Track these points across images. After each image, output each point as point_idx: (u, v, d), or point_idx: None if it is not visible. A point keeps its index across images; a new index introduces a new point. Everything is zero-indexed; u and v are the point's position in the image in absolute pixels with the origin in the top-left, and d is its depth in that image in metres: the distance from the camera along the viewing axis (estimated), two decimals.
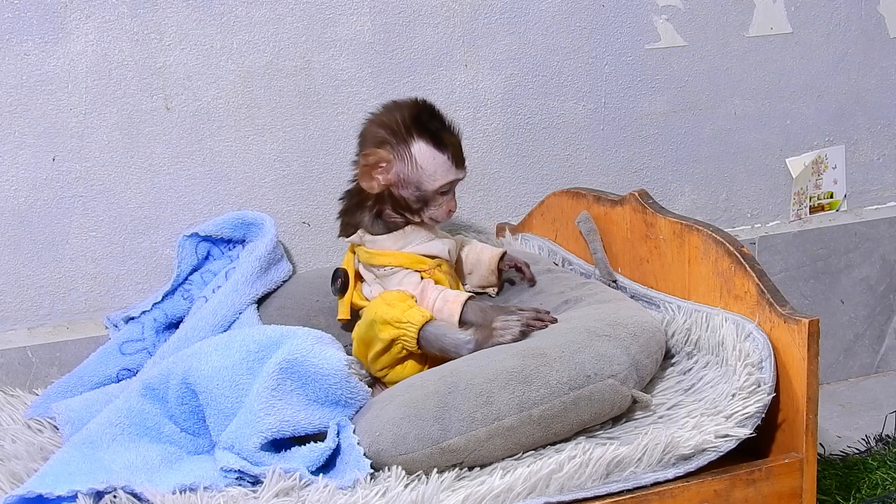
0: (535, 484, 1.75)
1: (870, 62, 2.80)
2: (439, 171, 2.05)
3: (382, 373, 2.03)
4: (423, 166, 2.04)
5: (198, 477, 1.80)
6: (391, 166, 2.04)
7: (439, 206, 2.07)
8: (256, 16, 2.33)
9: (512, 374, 1.84)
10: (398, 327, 1.97)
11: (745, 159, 2.74)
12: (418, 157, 2.04)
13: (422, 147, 2.04)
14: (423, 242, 2.10)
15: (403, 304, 2.00)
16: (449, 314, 2.02)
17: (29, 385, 2.22)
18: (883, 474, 2.32)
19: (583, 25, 2.55)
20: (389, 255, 2.07)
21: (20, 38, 2.19)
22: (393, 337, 1.98)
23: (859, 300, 2.83)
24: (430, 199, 2.06)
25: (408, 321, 1.97)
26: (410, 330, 1.96)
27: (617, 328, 1.95)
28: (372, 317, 2.00)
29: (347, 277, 2.11)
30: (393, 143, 2.04)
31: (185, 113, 2.31)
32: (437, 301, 2.03)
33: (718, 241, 2.03)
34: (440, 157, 2.05)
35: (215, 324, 2.15)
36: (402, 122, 2.05)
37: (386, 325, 1.98)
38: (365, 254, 2.09)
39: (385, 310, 1.99)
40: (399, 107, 2.07)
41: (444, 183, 2.06)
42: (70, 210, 2.27)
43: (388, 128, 2.05)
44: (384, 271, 2.07)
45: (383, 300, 2.01)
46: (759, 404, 1.88)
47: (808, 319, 1.88)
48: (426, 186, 2.05)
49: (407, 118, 2.05)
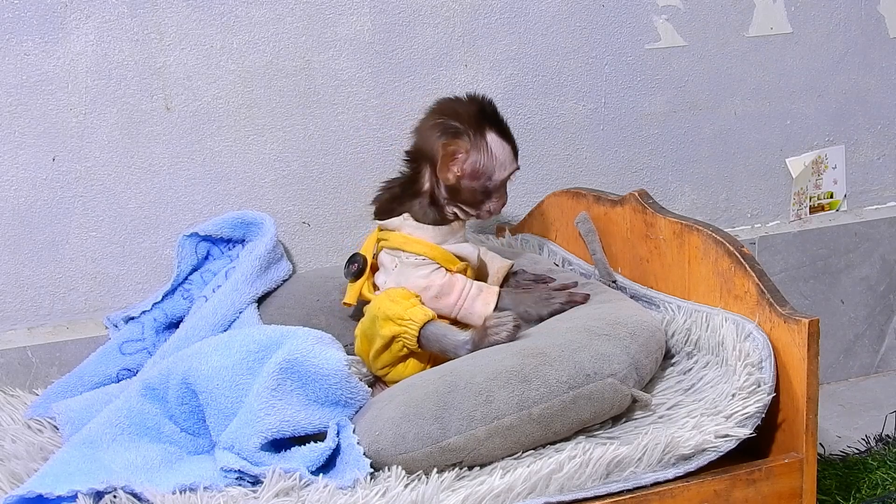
0: (535, 484, 1.75)
1: (870, 62, 2.80)
2: (507, 161, 2.10)
3: (384, 371, 2.03)
4: (497, 156, 2.08)
5: (198, 477, 1.80)
6: (468, 157, 2.07)
7: (498, 198, 2.11)
8: (256, 16, 2.33)
9: (511, 374, 1.84)
10: (400, 324, 1.97)
11: (745, 159, 2.74)
12: (492, 147, 2.08)
13: (494, 138, 2.09)
14: (458, 242, 2.12)
15: (407, 301, 1.99)
16: (484, 303, 2.03)
17: (29, 385, 2.22)
18: (883, 474, 2.32)
19: (583, 25, 2.55)
20: (426, 245, 2.07)
21: (20, 38, 2.19)
22: (394, 334, 1.98)
23: (859, 300, 2.83)
24: (494, 191, 2.10)
25: (410, 319, 1.97)
26: (412, 328, 1.96)
27: (616, 327, 1.95)
28: (375, 312, 2.00)
29: (365, 264, 2.10)
30: (470, 133, 2.07)
31: (185, 113, 2.31)
32: (473, 289, 2.04)
33: (718, 241, 2.03)
34: (507, 148, 2.10)
35: (215, 323, 2.15)
36: (475, 113, 2.09)
37: (388, 321, 1.98)
38: (400, 238, 2.08)
39: (388, 306, 1.99)
40: (464, 101, 2.11)
41: (510, 172, 2.11)
42: (70, 210, 2.27)
43: (462, 119, 2.08)
44: (415, 259, 2.07)
45: (387, 296, 2.01)
46: (759, 404, 1.88)
47: (808, 319, 1.88)
48: (497, 176, 2.09)
49: (478, 111, 2.09)
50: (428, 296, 2.04)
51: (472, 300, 2.05)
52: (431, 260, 2.07)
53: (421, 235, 2.08)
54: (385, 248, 2.10)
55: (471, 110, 2.09)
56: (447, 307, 2.04)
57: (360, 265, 2.10)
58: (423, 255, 2.06)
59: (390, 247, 2.09)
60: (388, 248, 2.09)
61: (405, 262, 2.07)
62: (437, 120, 2.10)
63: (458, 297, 2.05)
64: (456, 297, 2.05)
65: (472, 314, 2.05)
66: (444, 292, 2.05)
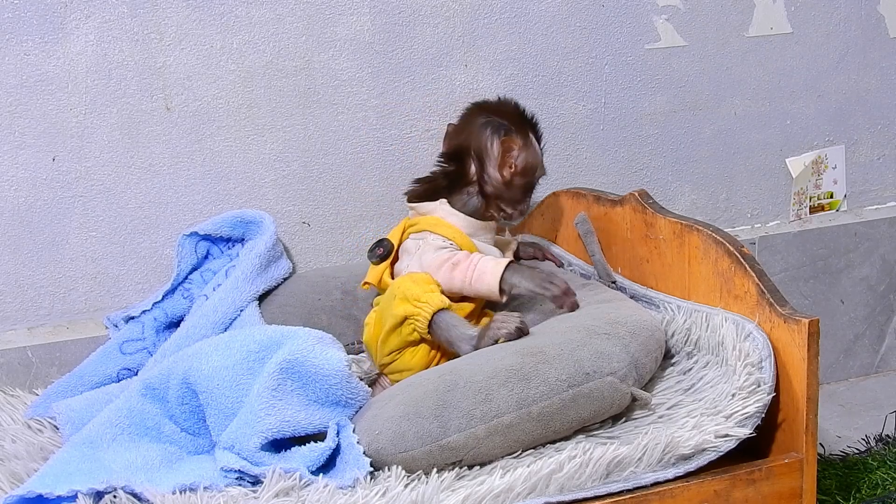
0: (535, 484, 1.75)
1: (870, 62, 2.80)
2: (536, 158, 2.18)
3: (390, 358, 2.03)
4: (539, 156, 2.18)
5: (198, 477, 1.80)
6: (520, 153, 2.12)
7: (530, 198, 2.19)
8: (256, 16, 2.33)
9: (511, 372, 1.84)
10: (415, 305, 1.97)
11: (745, 159, 2.74)
12: (535, 147, 2.17)
13: (533, 139, 2.18)
14: (487, 242, 2.14)
15: (427, 285, 2.00)
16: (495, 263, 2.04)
17: (29, 385, 2.22)
18: (883, 474, 2.32)
19: (583, 25, 2.55)
20: (456, 231, 2.10)
21: (20, 38, 2.19)
22: (407, 314, 1.98)
23: (859, 300, 2.83)
24: (530, 190, 2.17)
25: (426, 302, 1.97)
26: (426, 310, 1.97)
27: (616, 327, 1.95)
28: (394, 290, 2.01)
29: (392, 248, 2.12)
30: (520, 133, 2.14)
31: (185, 113, 2.31)
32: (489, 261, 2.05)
33: (718, 241, 2.03)
34: (537, 148, 2.19)
35: (216, 321, 2.15)
36: (518, 114, 2.18)
37: (404, 300, 1.98)
38: (431, 220, 2.11)
39: (408, 286, 2.00)
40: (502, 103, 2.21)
41: (536, 172, 2.18)
42: (70, 210, 2.27)
43: (509, 118, 2.15)
44: (441, 242, 2.08)
45: (410, 277, 2.02)
46: (759, 404, 1.88)
47: (808, 319, 1.88)
48: (538, 174, 2.17)
49: (519, 112, 2.18)
50: (445, 267, 2.05)
51: (485, 262, 2.06)
52: (459, 248, 2.08)
53: (454, 221, 2.11)
54: (412, 233, 2.12)
55: (513, 111, 2.17)
56: (461, 273, 2.04)
57: (387, 249, 2.12)
58: (450, 240, 2.08)
59: (418, 230, 2.11)
60: (416, 231, 2.12)
61: (429, 243, 2.08)
62: (486, 118, 2.15)
63: (469, 260, 2.06)
64: (468, 261, 2.05)
65: (485, 273, 2.04)
66: (457, 261, 2.06)
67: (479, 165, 2.13)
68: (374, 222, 2.46)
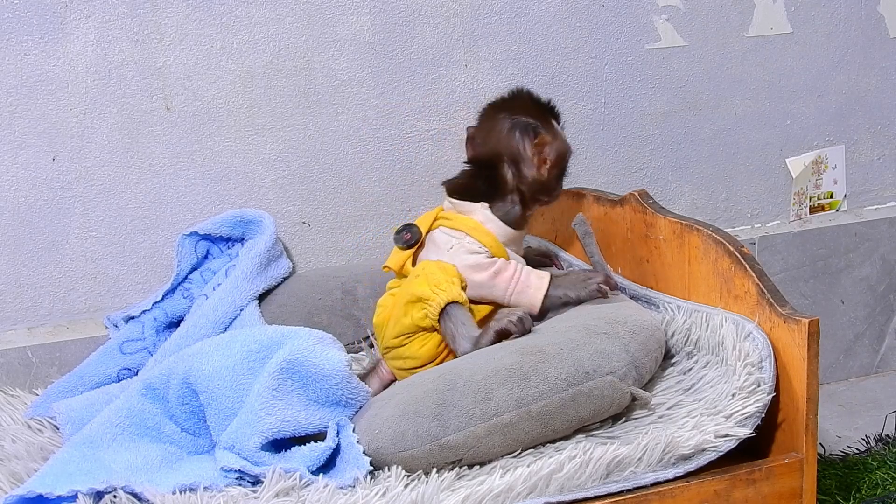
0: (535, 484, 1.75)
1: (870, 62, 2.80)
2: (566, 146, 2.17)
3: (398, 341, 2.02)
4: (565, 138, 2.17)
5: (198, 477, 1.80)
6: (551, 147, 2.12)
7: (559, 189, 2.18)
8: (256, 16, 2.33)
9: (511, 371, 1.84)
10: (433, 290, 1.98)
11: (745, 159, 2.74)
12: (560, 132, 2.16)
13: (554, 123, 2.17)
14: (515, 252, 2.14)
15: (452, 276, 2.00)
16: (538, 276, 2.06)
17: (29, 385, 2.22)
18: (883, 474, 2.32)
19: (583, 25, 2.55)
20: (493, 239, 2.09)
21: (20, 38, 2.19)
22: (423, 295, 1.98)
23: (859, 300, 2.83)
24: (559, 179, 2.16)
25: (445, 290, 1.97)
26: (441, 297, 1.97)
27: (616, 326, 1.95)
28: (419, 271, 2.02)
29: (420, 236, 2.10)
30: (545, 125, 2.14)
31: (185, 113, 2.31)
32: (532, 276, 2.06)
33: (718, 241, 2.03)
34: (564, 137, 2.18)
35: (216, 320, 2.15)
36: (535, 105, 2.16)
37: (425, 282, 1.99)
38: (470, 223, 2.09)
39: (434, 270, 2.01)
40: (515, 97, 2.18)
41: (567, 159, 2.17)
42: (70, 210, 2.27)
43: (531, 114, 2.14)
44: (478, 247, 2.07)
45: (438, 264, 2.03)
46: (759, 404, 1.88)
47: (808, 319, 1.88)
48: (564, 163, 2.16)
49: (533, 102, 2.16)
50: (487, 273, 2.05)
51: (528, 274, 2.07)
52: (490, 252, 2.08)
53: (492, 228, 2.10)
54: (445, 227, 2.11)
55: (529, 103, 2.16)
56: (503, 282, 2.05)
57: (414, 236, 2.10)
58: (485, 247, 2.08)
59: (453, 227, 2.10)
60: (450, 227, 2.10)
61: (465, 246, 2.07)
62: (510, 120, 2.13)
63: (514, 270, 2.06)
64: (512, 271, 2.06)
65: (528, 287, 2.05)
66: (501, 269, 2.06)
67: (515, 170, 2.12)
68: (374, 222, 2.46)
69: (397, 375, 2.06)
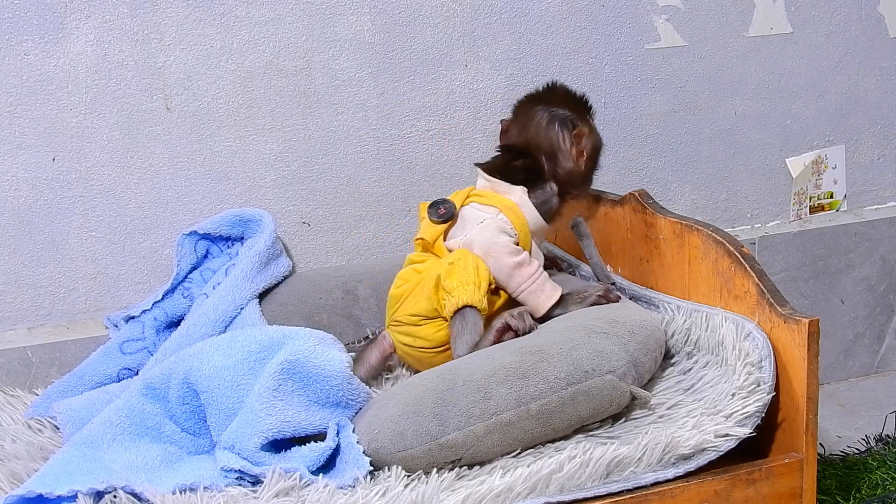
0: (535, 484, 1.75)
1: (870, 62, 2.80)
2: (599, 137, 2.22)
3: (413, 319, 2.04)
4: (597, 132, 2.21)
5: (198, 477, 1.80)
6: (588, 141, 2.16)
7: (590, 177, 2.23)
8: (256, 16, 2.33)
9: (510, 371, 1.84)
10: (458, 286, 1.98)
11: (745, 159, 2.74)
12: (595, 127, 2.21)
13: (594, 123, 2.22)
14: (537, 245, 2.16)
15: (483, 280, 2.00)
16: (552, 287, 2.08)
17: (29, 385, 2.22)
18: (883, 474, 2.32)
19: (583, 25, 2.55)
20: (524, 223, 2.11)
21: (20, 38, 2.19)
22: (448, 288, 1.99)
23: (859, 300, 2.83)
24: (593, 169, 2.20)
25: (469, 292, 1.98)
26: (464, 297, 1.98)
27: (615, 326, 1.95)
28: (454, 258, 2.02)
29: (454, 211, 2.12)
30: (582, 118, 2.18)
31: (185, 113, 2.31)
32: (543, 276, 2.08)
33: (718, 241, 2.03)
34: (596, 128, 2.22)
35: (216, 319, 2.15)
36: (576, 99, 2.20)
37: (455, 276, 1.99)
38: (507, 203, 2.11)
39: (469, 267, 2.00)
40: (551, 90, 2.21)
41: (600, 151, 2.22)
42: (70, 210, 2.27)
43: (568, 107, 2.17)
44: (510, 228, 2.09)
45: (476, 262, 2.02)
46: (759, 404, 1.88)
47: (808, 319, 1.88)
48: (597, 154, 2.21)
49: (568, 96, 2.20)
50: (511, 262, 2.05)
51: (544, 281, 2.08)
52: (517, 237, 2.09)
53: (527, 213, 2.12)
54: (477, 202, 2.13)
55: (565, 96, 2.19)
56: (523, 276, 2.06)
57: (449, 210, 2.12)
58: (516, 230, 2.09)
59: (486, 203, 2.12)
60: (483, 203, 2.12)
61: (498, 223, 2.09)
62: (548, 112, 2.16)
63: (535, 270, 2.07)
64: (534, 269, 2.07)
65: (542, 291, 2.07)
66: (525, 262, 2.07)
67: (552, 161, 2.15)
68: (374, 222, 2.46)
69: (400, 350, 2.07)
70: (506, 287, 2.07)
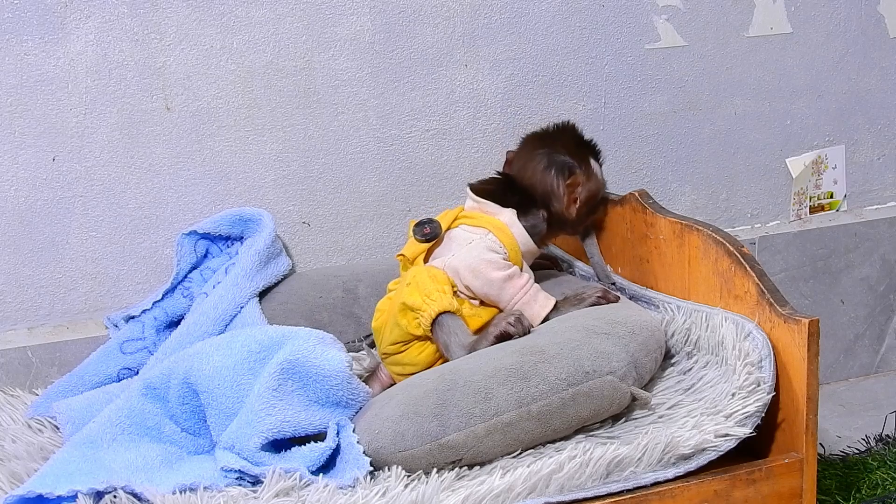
0: (535, 484, 1.75)
1: (870, 62, 2.80)
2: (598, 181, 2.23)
3: (395, 348, 2.03)
4: (600, 179, 2.23)
5: (198, 477, 1.80)
6: (584, 188, 2.17)
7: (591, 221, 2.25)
8: (256, 16, 2.33)
9: (511, 371, 1.84)
10: (424, 300, 1.98)
11: (745, 159, 2.74)
12: (596, 172, 2.22)
13: (594, 163, 2.22)
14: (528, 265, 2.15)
15: (442, 284, 2.00)
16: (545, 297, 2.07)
17: (29, 385, 2.22)
18: (883, 474, 2.32)
19: (583, 25, 2.55)
20: (516, 247, 2.10)
21: (20, 38, 2.19)
22: (414, 305, 1.98)
23: (859, 300, 2.83)
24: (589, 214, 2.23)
25: (435, 300, 1.97)
26: (432, 307, 1.97)
27: (616, 326, 1.95)
28: (410, 279, 2.02)
29: (440, 232, 2.11)
30: (582, 165, 2.19)
31: (185, 113, 2.31)
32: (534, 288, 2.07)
33: (718, 241, 2.03)
34: (597, 168, 2.23)
35: (216, 318, 2.15)
36: (576, 143, 2.21)
37: (415, 292, 1.99)
38: (496, 223, 2.11)
39: (424, 279, 2.01)
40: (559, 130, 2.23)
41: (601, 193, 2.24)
42: (70, 210, 2.27)
43: (569, 152, 2.18)
44: (499, 248, 2.08)
45: (427, 272, 2.03)
46: (759, 403, 1.88)
47: (808, 319, 1.88)
48: (601, 195, 2.24)
49: (575, 139, 2.22)
50: (502, 273, 2.05)
51: (536, 292, 2.07)
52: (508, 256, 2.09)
53: (516, 233, 2.11)
54: (467, 224, 2.12)
55: (570, 141, 2.20)
56: (514, 288, 2.05)
57: (434, 231, 2.11)
58: (505, 249, 2.09)
59: (476, 224, 2.11)
60: (473, 225, 2.11)
61: (486, 242, 2.08)
62: (548, 157, 2.18)
63: (525, 282, 2.07)
64: (524, 281, 2.07)
65: (535, 302, 2.06)
66: (515, 275, 2.06)
67: (545, 204, 2.17)
68: (374, 222, 2.46)
69: (396, 380, 2.06)
70: (498, 302, 2.06)
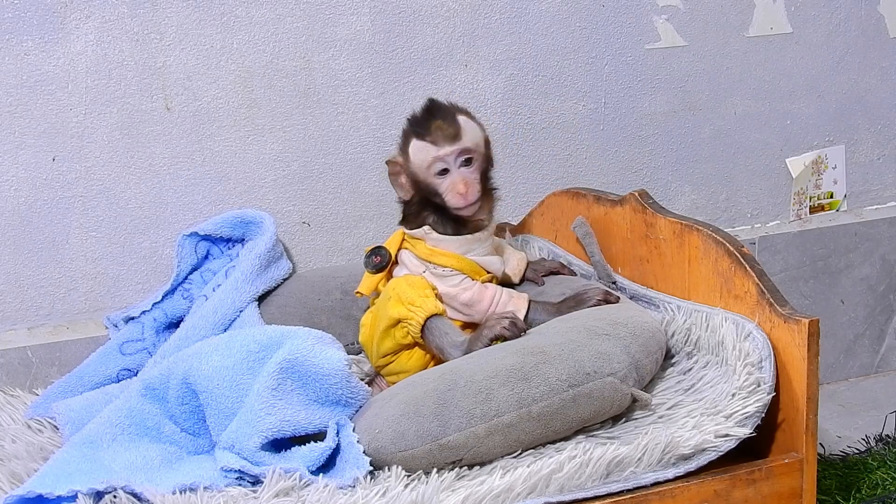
0: (535, 484, 1.75)
1: (870, 62, 2.81)
2: (420, 155, 2.04)
3: (385, 360, 2.03)
4: (413, 159, 2.05)
5: (198, 477, 1.80)
6: (404, 171, 2.06)
7: (448, 189, 2.04)
8: (256, 16, 2.33)
9: (511, 372, 1.84)
10: (409, 309, 1.97)
11: (745, 159, 2.74)
12: (411, 153, 2.05)
13: (414, 144, 2.05)
14: (483, 255, 2.11)
15: (423, 290, 2.00)
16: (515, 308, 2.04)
17: (29, 385, 2.22)
18: (883, 474, 2.32)
19: (583, 25, 2.55)
20: (452, 257, 2.07)
21: (20, 38, 2.20)
22: (400, 316, 1.98)
23: (859, 300, 2.83)
24: (435, 189, 2.04)
25: (420, 306, 1.97)
26: (419, 314, 1.97)
27: (617, 327, 1.95)
28: (389, 292, 2.01)
29: (389, 259, 2.07)
30: (400, 150, 2.07)
31: (185, 113, 2.31)
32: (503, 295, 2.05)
33: (718, 241, 2.03)
34: (421, 144, 2.04)
35: (216, 321, 2.15)
36: (404, 127, 2.07)
37: (398, 302, 1.98)
38: (426, 250, 2.07)
39: (404, 288, 2.00)
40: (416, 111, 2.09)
41: (428, 163, 2.03)
42: (70, 210, 2.27)
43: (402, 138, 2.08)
44: (444, 272, 2.06)
45: (406, 280, 2.02)
46: (759, 404, 1.87)
47: (808, 319, 1.88)
48: (422, 176, 2.05)
49: (407, 123, 2.07)
50: (458, 302, 2.04)
51: (508, 298, 2.06)
52: (459, 271, 2.07)
53: (445, 247, 2.08)
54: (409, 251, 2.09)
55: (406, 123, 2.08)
56: (480, 314, 2.05)
57: (384, 259, 2.08)
58: (449, 268, 2.06)
59: (419, 256, 2.08)
60: (420, 258, 2.08)
61: (434, 273, 2.06)
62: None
63: (489, 303, 2.05)
64: (488, 303, 2.05)
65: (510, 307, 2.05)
66: (475, 300, 2.05)
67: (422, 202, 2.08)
68: (374, 222, 2.46)
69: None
70: (475, 322, 2.05)
